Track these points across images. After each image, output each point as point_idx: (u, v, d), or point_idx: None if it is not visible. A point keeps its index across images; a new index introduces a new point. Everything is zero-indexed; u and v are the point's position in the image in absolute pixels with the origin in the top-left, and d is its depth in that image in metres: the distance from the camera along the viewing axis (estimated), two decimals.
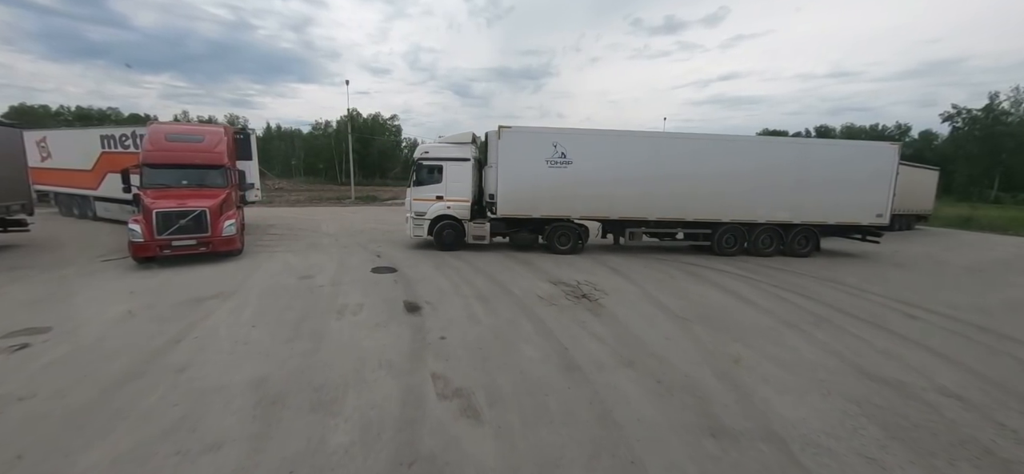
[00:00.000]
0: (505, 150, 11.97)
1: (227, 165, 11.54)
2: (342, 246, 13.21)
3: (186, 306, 7.28)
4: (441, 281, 9.27)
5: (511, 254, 12.48)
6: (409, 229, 12.88)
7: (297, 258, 11.34)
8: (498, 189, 12.15)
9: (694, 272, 10.94)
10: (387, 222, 19.76)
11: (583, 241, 12.91)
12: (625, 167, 12.30)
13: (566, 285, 9.20)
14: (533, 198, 12.28)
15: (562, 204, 12.39)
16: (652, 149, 12.51)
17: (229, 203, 11.11)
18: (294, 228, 17.01)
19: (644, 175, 12.39)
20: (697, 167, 12.48)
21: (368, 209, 27.54)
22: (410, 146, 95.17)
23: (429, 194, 12.56)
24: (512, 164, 12.03)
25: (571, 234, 12.68)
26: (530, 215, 12.47)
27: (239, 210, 12.65)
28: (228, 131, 12.97)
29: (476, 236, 12.63)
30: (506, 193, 12.19)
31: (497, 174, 12.10)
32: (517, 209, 12.38)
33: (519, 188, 12.18)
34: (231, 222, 10.64)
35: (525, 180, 12.14)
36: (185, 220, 10.04)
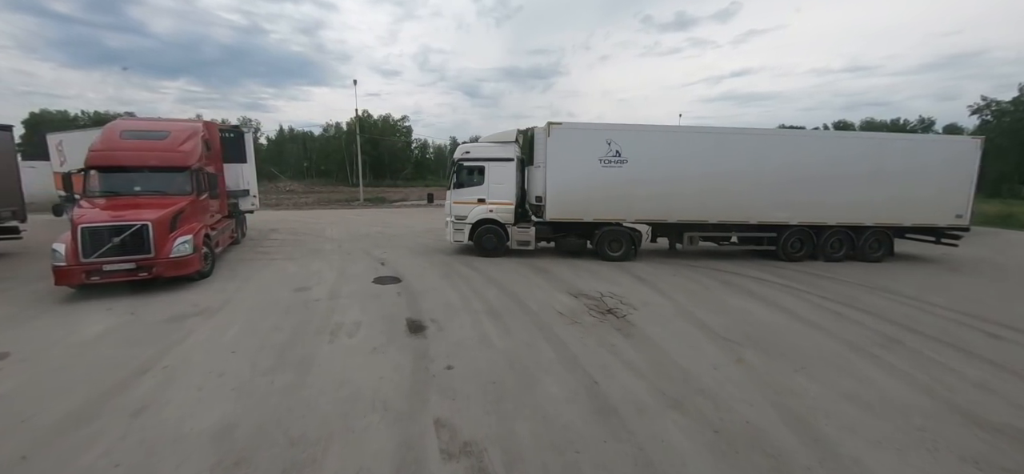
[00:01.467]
0: (555, 148, 10.99)
1: (195, 167, 9.55)
2: (345, 253, 12.42)
3: (165, 325, 6.51)
4: (449, 293, 8.38)
5: (525, 260, 11.56)
6: (449, 234, 11.96)
7: (296, 266, 10.56)
8: (547, 191, 11.19)
9: (728, 281, 9.89)
10: (394, 225, 19.00)
11: (637, 247, 11.84)
12: (684, 165, 11.23)
13: (588, 298, 8.24)
14: (585, 200, 11.28)
15: (616, 206, 11.38)
16: (714, 146, 11.35)
17: (192, 215, 9.11)
18: (297, 232, 16.33)
19: (705, 174, 11.28)
20: (762, 165, 11.35)
21: (375, 212, 26.87)
22: (421, 147, 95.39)
23: (470, 197, 11.69)
24: (562, 163, 11.06)
25: (624, 239, 11.65)
26: (581, 219, 11.46)
27: (225, 221, 11.58)
28: (210, 128, 11.41)
29: (520, 242, 11.68)
30: (556, 195, 11.22)
31: (546, 174, 11.14)
32: (567, 212, 11.40)
33: (570, 189, 11.19)
34: (185, 239, 8.44)
35: (576, 181, 11.15)
36: (120, 238, 7.79)
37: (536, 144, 11.43)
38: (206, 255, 9.12)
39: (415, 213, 25.44)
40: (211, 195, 10.26)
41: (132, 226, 7.95)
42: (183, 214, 8.83)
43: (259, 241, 14.34)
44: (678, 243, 12.16)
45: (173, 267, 8.28)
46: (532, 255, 12.05)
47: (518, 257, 11.98)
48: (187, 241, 8.52)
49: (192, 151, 9.76)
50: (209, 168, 10.54)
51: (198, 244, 8.78)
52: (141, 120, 11.46)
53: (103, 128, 10.09)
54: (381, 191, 48.58)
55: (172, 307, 7.37)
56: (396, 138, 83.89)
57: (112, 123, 10.33)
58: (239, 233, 13.38)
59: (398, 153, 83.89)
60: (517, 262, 11.39)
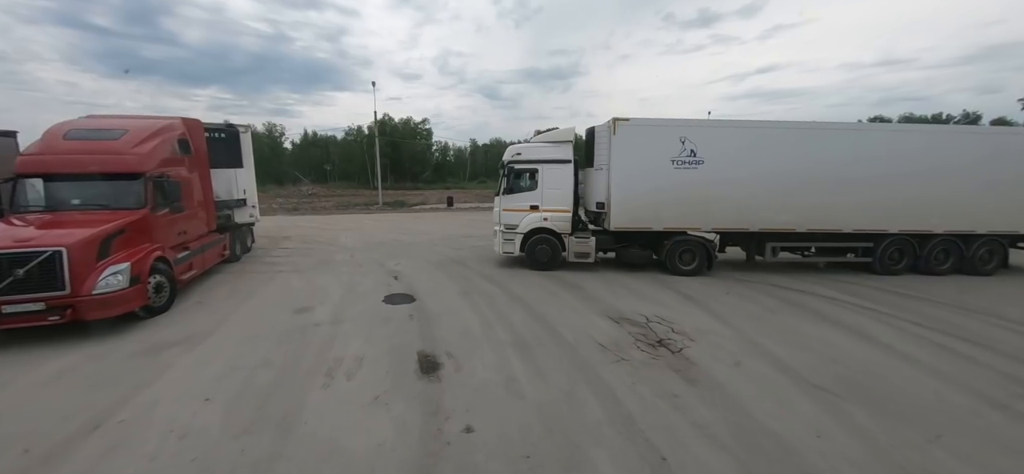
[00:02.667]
0: (621, 148, 9.72)
1: (153, 174, 7.65)
2: (356, 264, 11.47)
3: (138, 360, 5.59)
4: (468, 316, 7.26)
5: (552, 274, 10.33)
6: (497, 245, 10.80)
7: (301, 281, 9.63)
8: (611, 196, 9.90)
9: (792, 300, 8.45)
10: (411, 232, 18.05)
11: (712, 259, 10.40)
12: (770, 166, 9.82)
13: (632, 323, 6.98)
14: (654, 207, 9.96)
15: (689, 213, 10.01)
16: (802, 142, 9.89)
17: (140, 234, 7.18)
18: (309, 240, 15.54)
19: (792, 175, 9.85)
20: (858, 163, 9.85)
21: (393, 217, 26.08)
22: (441, 149, 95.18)
23: (522, 203, 10.49)
24: (629, 165, 9.78)
25: (698, 250, 10.26)
26: (649, 228, 10.14)
27: (209, 237, 9.77)
28: (191, 126, 9.50)
29: (579, 254, 10.40)
30: (621, 201, 9.92)
31: (610, 178, 9.87)
32: (635, 220, 10.08)
33: (638, 194, 9.90)
34: (117, 270, 6.41)
35: (645, 184, 9.85)
36: (24, 269, 5.83)
37: (597, 143, 10.15)
38: (161, 286, 7.25)
39: (434, 218, 24.54)
40: (174, 208, 8.03)
41: (40, 253, 5.92)
42: (125, 234, 6.88)
43: (269, 250, 13.58)
44: (758, 255, 10.66)
45: (99, 307, 6.21)
46: (558, 267, 10.82)
47: (542, 270, 10.77)
48: (120, 272, 6.45)
49: (150, 154, 7.81)
50: (180, 173, 8.56)
51: (141, 273, 6.79)
52: (99, 118, 9.09)
53: (47, 129, 8.08)
54: (401, 194, 48.15)
55: (154, 333, 6.48)
56: (416, 141, 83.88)
57: (62, 122, 8.29)
58: (237, 248, 11.63)
59: (418, 156, 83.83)
60: (543, 276, 10.19)
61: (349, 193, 51.65)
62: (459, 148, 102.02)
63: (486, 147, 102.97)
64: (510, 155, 10.63)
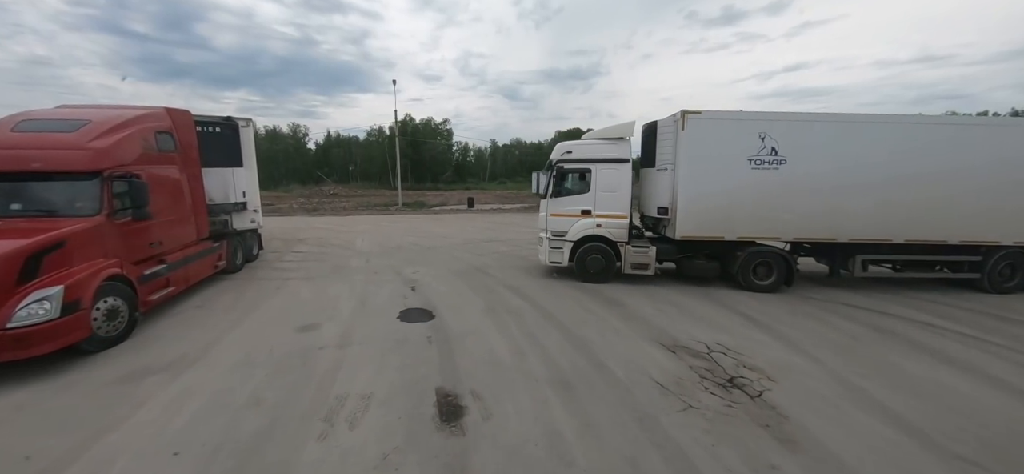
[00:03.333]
0: (690, 145, 8.49)
1: (113, 172, 6.29)
2: (372, 271, 10.60)
3: (114, 389, 4.78)
4: (495, 339, 6.23)
5: (583, 286, 9.22)
6: (543, 253, 9.71)
7: (311, 291, 8.80)
8: (677, 200, 8.70)
9: (875, 324, 7.13)
10: (430, 235, 17.18)
11: (793, 272, 9.01)
12: (864, 167, 8.46)
13: (691, 353, 5.82)
14: (728, 213, 8.73)
15: (768, 221, 8.74)
16: (901, 139, 8.47)
17: (87, 248, 5.78)
18: (325, 243, 14.82)
19: (891, 179, 8.49)
20: (967, 164, 8.45)
21: (413, 219, 25.33)
22: (461, 150, 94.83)
23: (572, 207, 9.36)
24: (699, 165, 8.57)
25: (776, 263, 8.93)
26: (721, 237, 8.87)
27: (199, 247, 8.57)
28: (177, 118, 8.19)
29: (636, 265, 9.22)
30: (690, 206, 8.69)
31: (676, 179, 8.69)
32: (704, 228, 8.81)
33: (709, 199, 8.66)
34: (43, 296, 5.08)
35: (717, 187, 8.62)
36: None
37: (659, 141, 8.98)
38: (115, 311, 5.87)
39: (454, 221, 23.66)
40: (138, 214, 6.55)
41: None
42: (63, 248, 5.47)
43: (282, 254, 12.89)
44: (842, 269, 9.27)
45: (14, 346, 4.88)
46: (611, 279, 9.69)
47: (570, 279, 9.66)
48: (48, 298, 5.09)
49: (111, 149, 6.43)
50: (158, 173, 7.28)
51: (81, 297, 5.37)
52: (69, 108, 7.66)
53: None
54: (421, 194, 47.64)
55: (138, 353, 5.68)
56: (437, 141, 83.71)
57: (20, 113, 6.98)
58: (238, 257, 10.39)
59: (439, 156, 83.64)
60: (575, 288, 9.09)
61: (370, 193, 51.50)
62: (479, 149, 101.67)
63: (506, 148, 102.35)
64: (559, 153, 9.46)
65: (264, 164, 62.70)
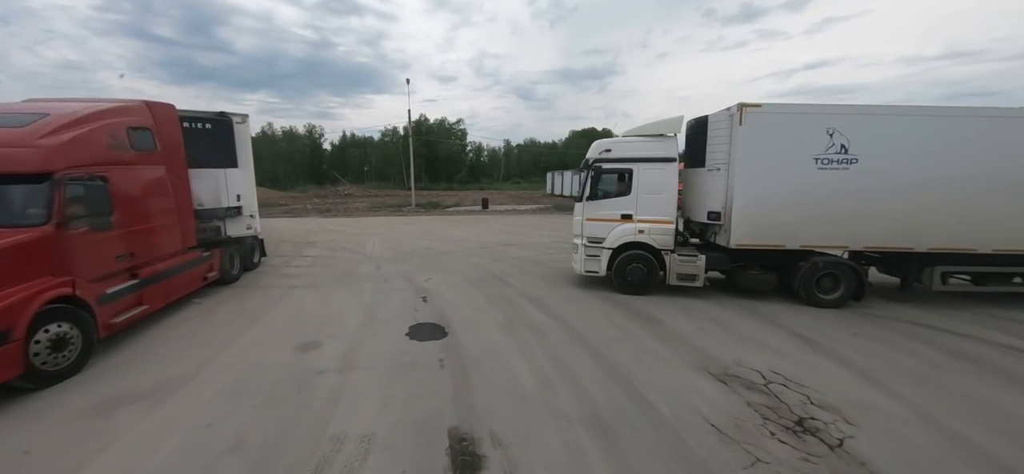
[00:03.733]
0: (748, 143, 7.58)
1: (67, 174, 5.37)
2: (382, 278, 9.95)
3: (81, 423, 4.18)
4: (517, 364, 5.47)
5: (609, 296, 8.41)
6: (577, 262, 8.92)
7: (316, 301, 8.18)
8: (733, 204, 7.79)
9: (954, 348, 6.14)
10: (445, 238, 16.52)
11: (864, 286, 7.97)
12: (947, 168, 7.46)
13: (747, 384, 4.98)
14: (790, 217, 7.79)
15: (836, 227, 7.78)
16: (988, 134, 7.39)
17: (26, 266, 4.87)
18: (335, 246, 14.27)
19: (978, 180, 7.46)
20: None
21: (427, 220, 24.74)
22: (475, 150, 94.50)
23: (611, 211, 8.51)
24: (759, 165, 7.65)
25: (845, 275, 7.88)
26: (782, 245, 7.91)
27: (187, 257, 7.80)
28: (159, 112, 7.33)
29: (683, 275, 8.33)
30: (747, 210, 7.77)
31: (731, 181, 7.80)
32: (762, 235, 7.87)
33: (769, 202, 7.75)
34: None
35: (779, 190, 7.69)
36: None
37: (711, 138, 8.09)
38: (63, 340, 5.01)
39: (469, 222, 23.00)
40: (96, 223, 5.63)
41: None
42: None
43: (290, 258, 12.37)
44: (917, 282, 8.23)
45: None
46: (609, 287, 8.86)
47: (595, 289, 8.85)
48: None
49: (65, 147, 5.48)
50: (127, 175, 6.39)
51: (11, 329, 4.48)
52: (36, 102, 6.90)
53: None
54: (435, 195, 47.18)
55: (118, 377, 5.10)
56: (451, 141, 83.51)
57: None
58: (234, 266, 9.53)
59: (453, 156, 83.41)
60: (601, 299, 8.28)
61: (384, 193, 51.37)
62: (493, 149, 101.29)
63: (520, 148, 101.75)
64: (597, 152, 8.61)
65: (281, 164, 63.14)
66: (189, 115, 8.52)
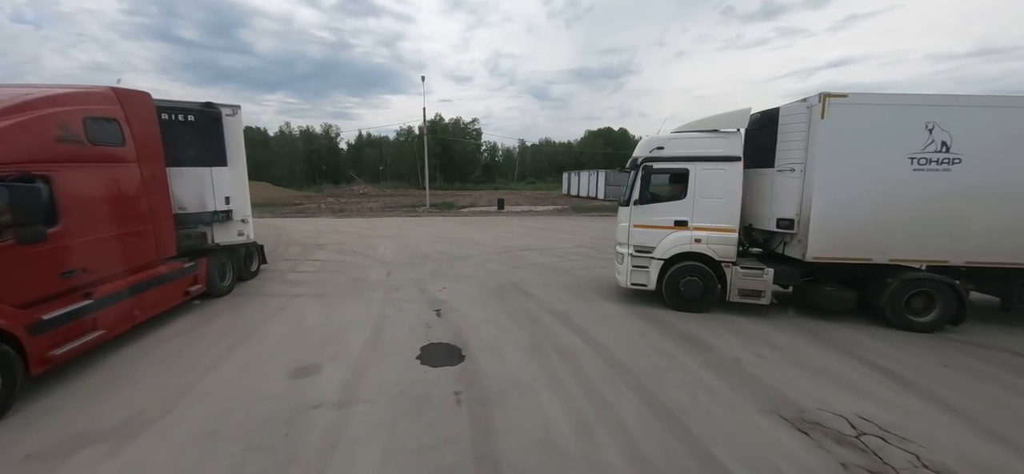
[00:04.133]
0: (832, 139, 6.49)
1: None
2: (392, 287, 9.17)
3: (30, 467, 3.45)
4: (547, 400, 4.59)
5: (647, 313, 7.46)
6: (622, 273, 7.93)
7: (319, 314, 7.43)
8: (813, 210, 6.71)
9: None
10: (460, 241, 15.72)
11: (965, 307, 6.72)
12: None
13: (834, 436, 4.00)
14: (879, 227, 6.69)
15: (932, 238, 6.66)
16: None
17: None
18: (345, 250, 13.58)
19: None
20: None
21: (441, 222, 24.00)
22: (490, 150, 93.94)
23: (663, 217, 7.51)
24: (844, 165, 6.56)
25: (942, 294, 6.67)
26: (868, 259, 6.80)
27: (165, 268, 6.88)
28: (130, 100, 6.33)
29: (747, 291, 7.25)
30: (829, 217, 6.68)
31: (809, 183, 6.71)
32: (845, 246, 6.78)
33: (855, 208, 6.64)
34: None
35: (867, 194, 6.61)
36: None
37: (783, 134, 7.02)
38: None
39: (485, 224, 22.18)
40: (24, 235, 4.60)
41: None
42: None
43: (297, 263, 11.71)
44: (1022, 302, 6.98)
45: None
46: (643, 300, 7.91)
47: (628, 303, 7.91)
48: None
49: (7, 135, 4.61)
50: (71, 173, 5.27)
51: None
52: None
53: None
54: (449, 195, 46.62)
55: (83, 408, 4.39)
56: (466, 140, 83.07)
57: None
58: (225, 277, 8.59)
59: (468, 156, 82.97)
60: (636, 315, 7.34)
61: (398, 193, 51.05)
62: (508, 148, 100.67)
63: (535, 147, 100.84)
64: (647, 149, 7.57)
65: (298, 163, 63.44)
66: (169, 106, 7.59)
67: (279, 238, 15.97)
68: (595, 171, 42.53)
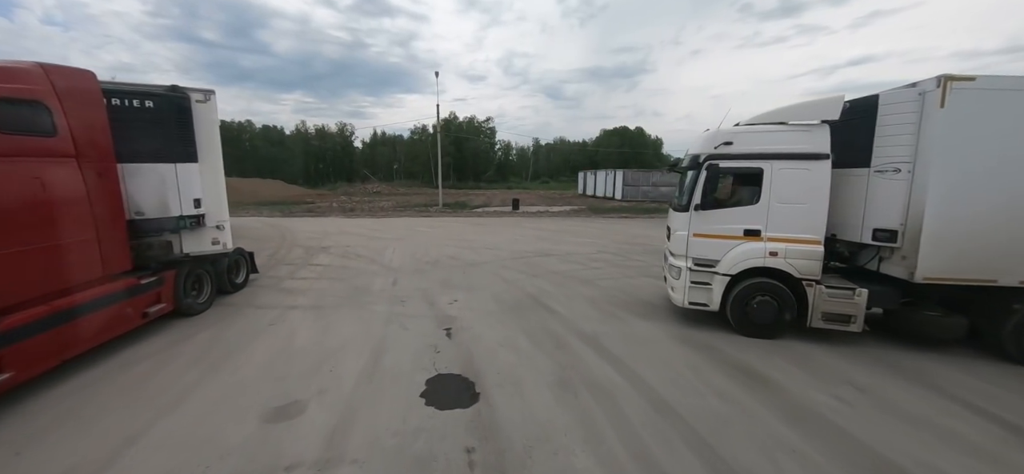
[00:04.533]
0: (953, 132, 5.27)
1: None
2: (398, 299, 8.23)
3: None
4: (582, 464, 3.58)
5: (693, 336, 6.39)
6: (677, 290, 6.67)
7: (313, 330, 6.53)
8: (925, 219, 5.47)
9: None
10: (473, 244, 14.77)
11: None
12: None
13: None
14: (1009, 241, 5.39)
15: None
16: None
17: None
18: (350, 254, 12.71)
19: None
20: None
21: (453, 223, 23.08)
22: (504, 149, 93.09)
23: (730, 224, 6.31)
24: (969, 165, 5.32)
25: None
26: (992, 280, 5.51)
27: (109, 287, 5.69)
28: (58, 81, 5.16)
29: (833, 315, 6.03)
30: (949, 229, 5.44)
31: (924, 187, 5.46)
32: (966, 265, 5.50)
33: (982, 219, 5.39)
34: None
35: (999, 202, 5.35)
36: None
37: (883, 126, 5.78)
38: None
39: (500, 225, 21.19)
40: None
41: None
42: None
43: (298, 268, 10.87)
44: None
45: None
46: (684, 320, 6.82)
47: (668, 322, 6.84)
48: None
49: None
50: None
51: None
52: None
53: None
54: (462, 194, 45.77)
55: (7, 466, 3.53)
56: (480, 138, 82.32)
57: None
58: (202, 292, 7.51)
59: (482, 154, 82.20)
60: (679, 341, 6.27)
61: (411, 192, 50.40)
62: (522, 147, 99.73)
63: (549, 146, 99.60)
64: (712, 144, 6.26)
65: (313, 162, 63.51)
66: (122, 89, 6.35)
67: (283, 240, 15.23)
68: (612, 171, 41.24)
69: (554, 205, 33.71)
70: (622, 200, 36.39)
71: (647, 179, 38.15)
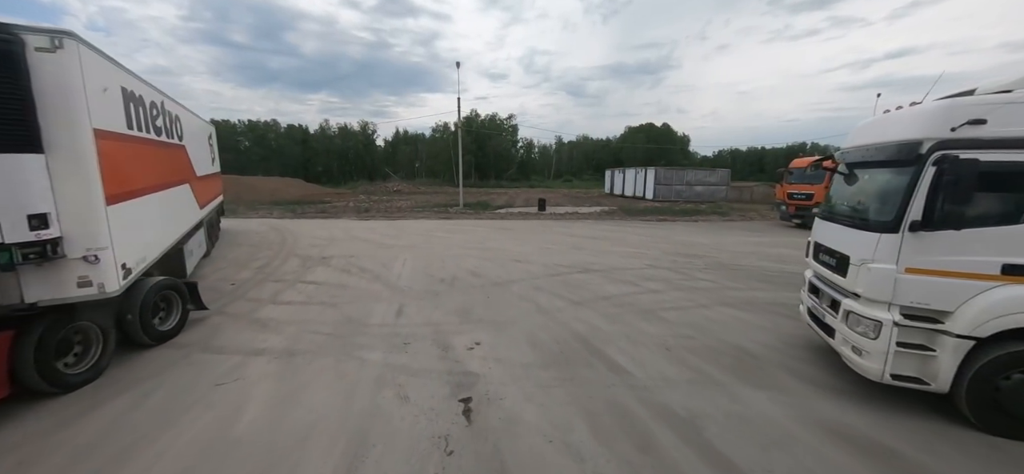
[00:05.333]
0: None
1: None
2: (400, 340, 6.14)
3: None
4: None
5: (855, 433, 4.07)
6: (871, 355, 4.20)
7: (269, 401, 4.48)
8: None
9: None
10: (496, 255, 12.61)
11: None
12: None
13: None
14: None
15: None
16: None
17: None
18: (353, 268, 10.70)
19: None
20: None
21: (475, 225, 20.91)
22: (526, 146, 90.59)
23: (975, 256, 3.87)
24: None
25: None
26: None
27: None
28: None
29: None
30: None
31: None
32: None
33: None
34: None
35: None
36: None
37: None
38: None
39: (526, 229, 18.95)
40: None
41: None
42: None
43: (284, 288, 8.92)
44: None
45: None
46: (829, 391, 4.50)
47: (806, 393, 4.53)
48: None
49: None
50: None
51: None
52: None
53: None
54: (484, 193, 43.76)
55: None
56: (502, 136, 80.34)
57: None
58: (93, 349, 5.04)
59: (503, 153, 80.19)
60: (834, 436, 3.97)
61: (432, 191, 48.77)
62: (544, 145, 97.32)
63: (571, 144, 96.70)
64: (946, 124, 3.87)
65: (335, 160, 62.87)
66: None
67: (282, 246, 13.42)
68: (642, 169, 38.45)
69: (582, 205, 31.28)
70: (654, 200, 33.70)
71: (681, 178, 35.32)
